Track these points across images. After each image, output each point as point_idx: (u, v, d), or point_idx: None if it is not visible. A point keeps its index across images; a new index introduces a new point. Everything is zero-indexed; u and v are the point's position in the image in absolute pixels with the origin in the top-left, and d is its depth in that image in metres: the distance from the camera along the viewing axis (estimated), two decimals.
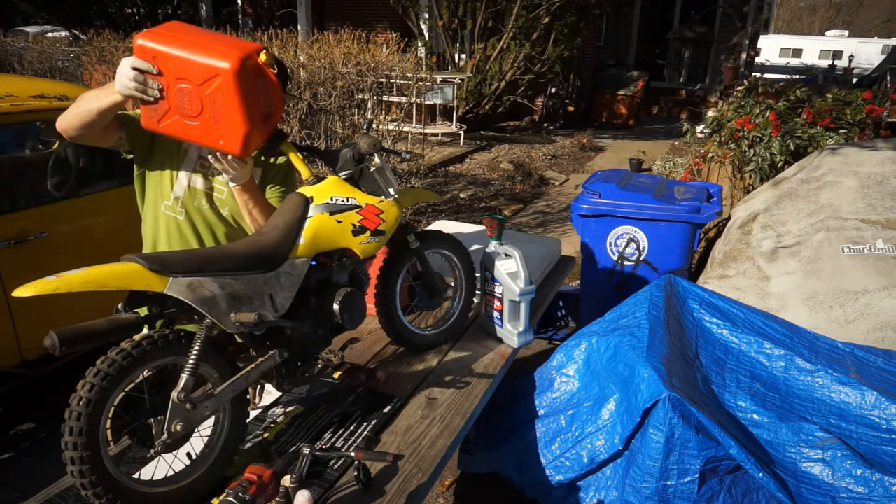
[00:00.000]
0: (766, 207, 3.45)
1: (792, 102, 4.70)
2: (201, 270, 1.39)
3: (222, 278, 1.43)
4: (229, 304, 1.42)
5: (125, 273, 1.29)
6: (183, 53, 1.54)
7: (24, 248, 2.85)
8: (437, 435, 1.73)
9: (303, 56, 6.50)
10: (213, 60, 1.53)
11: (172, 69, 1.55)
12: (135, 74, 1.56)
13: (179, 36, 1.58)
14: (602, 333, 2.28)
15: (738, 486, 1.92)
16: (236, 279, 1.46)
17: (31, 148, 3.52)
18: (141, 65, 1.56)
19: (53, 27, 13.46)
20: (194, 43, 1.56)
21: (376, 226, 1.81)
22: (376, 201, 1.83)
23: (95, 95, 1.65)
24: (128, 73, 1.56)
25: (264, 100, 1.64)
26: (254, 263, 1.51)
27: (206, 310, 1.37)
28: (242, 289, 1.46)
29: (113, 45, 7.27)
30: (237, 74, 1.52)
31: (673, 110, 14.15)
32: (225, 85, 1.53)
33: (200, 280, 1.38)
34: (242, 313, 1.42)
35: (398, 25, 11.28)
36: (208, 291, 1.38)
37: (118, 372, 1.24)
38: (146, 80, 1.56)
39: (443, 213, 6.43)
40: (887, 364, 2.15)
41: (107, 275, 1.26)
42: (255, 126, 1.62)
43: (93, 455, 1.21)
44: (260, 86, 1.62)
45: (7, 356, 2.87)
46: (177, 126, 1.62)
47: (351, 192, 1.80)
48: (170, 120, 1.62)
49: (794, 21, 43.38)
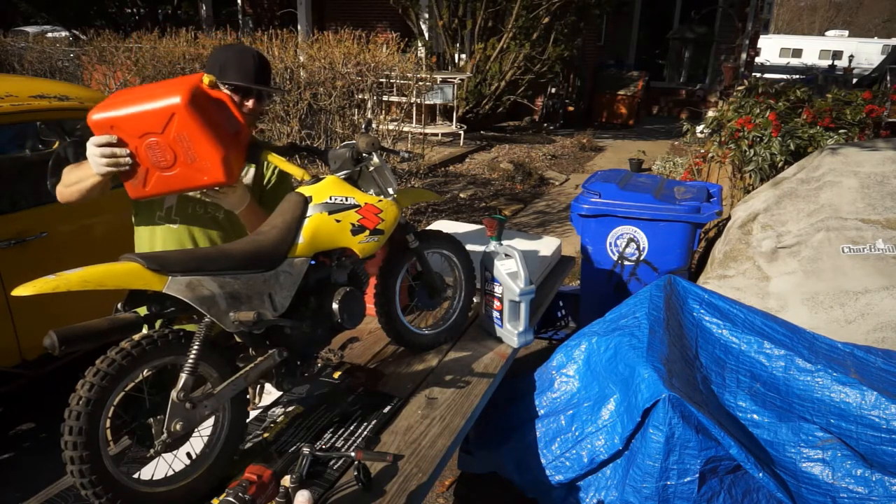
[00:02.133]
0: (766, 207, 3.45)
1: (792, 102, 4.70)
2: (200, 269, 1.40)
3: (221, 277, 1.43)
4: (228, 303, 1.42)
5: (124, 272, 1.29)
6: (134, 109, 1.60)
7: (24, 248, 2.85)
8: (437, 435, 1.73)
9: (303, 56, 6.50)
10: (164, 101, 1.58)
11: (132, 129, 1.61)
12: (101, 150, 1.61)
13: (125, 98, 1.64)
14: (602, 333, 2.28)
15: (738, 486, 1.92)
16: (235, 278, 1.46)
17: (31, 148, 3.52)
18: (102, 139, 1.61)
19: (53, 27, 13.45)
20: (140, 97, 1.62)
21: (375, 225, 1.81)
22: (375, 201, 1.83)
23: (77, 177, 1.73)
24: (95, 153, 1.62)
25: (226, 120, 1.68)
26: (253, 263, 1.51)
27: (205, 309, 1.37)
28: (241, 288, 1.46)
29: (113, 45, 7.27)
30: (190, 104, 1.57)
31: (673, 110, 14.15)
32: (183, 119, 1.57)
33: (199, 279, 1.38)
34: (241, 312, 1.42)
35: (398, 25, 11.28)
36: (207, 290, 1.38)
37: (118, 371, 1.24)
38: (113, 152, 1.61)
39: (443, 213, 6.43)
40: (887, 364, 2.15)
41: (106, 274, 1.26)
42: (228, 148, 1.65)
43: (92, 455, 1.21)
44: (216, 108, 1.66)
45: (7, 356, 2.87)
46: (161, 182, 1.67)
47: (350, 191, 1.80)
48: (152, 180, 1.67)
49: (794, 21, 43.39)
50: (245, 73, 1.80)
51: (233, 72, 1.79)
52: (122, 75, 7.06)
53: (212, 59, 1.85)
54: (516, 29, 10.37)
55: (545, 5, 10.21)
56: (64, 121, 3.23)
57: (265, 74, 1.85)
